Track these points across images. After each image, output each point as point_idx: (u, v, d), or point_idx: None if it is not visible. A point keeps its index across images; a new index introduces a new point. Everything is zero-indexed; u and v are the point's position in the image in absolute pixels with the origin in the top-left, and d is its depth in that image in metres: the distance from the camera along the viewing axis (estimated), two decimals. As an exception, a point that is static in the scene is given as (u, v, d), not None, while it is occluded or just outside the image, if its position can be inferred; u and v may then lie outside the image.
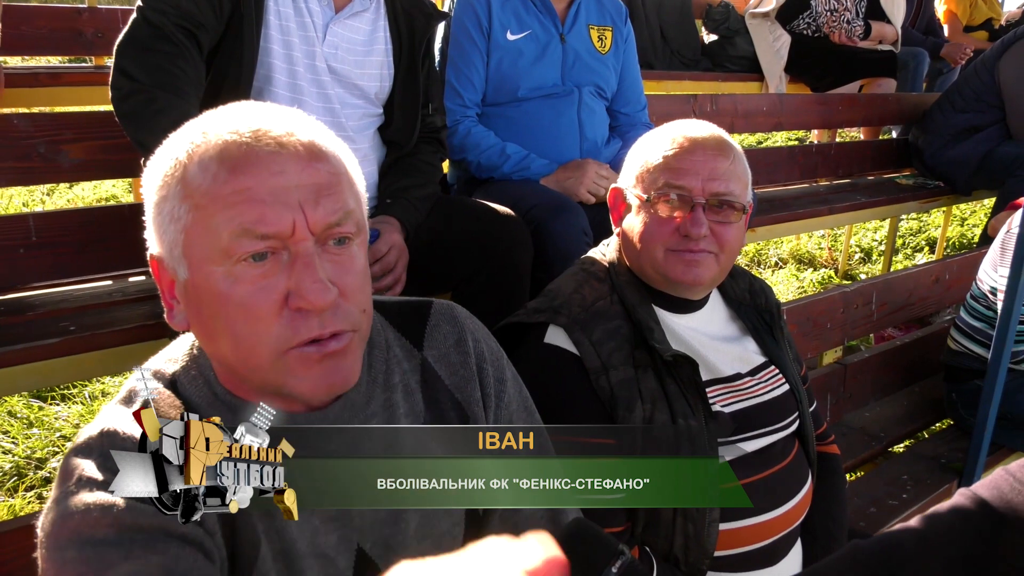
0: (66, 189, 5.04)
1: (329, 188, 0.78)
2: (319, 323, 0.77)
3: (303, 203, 0.75)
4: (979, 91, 3.82)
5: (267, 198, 0.74)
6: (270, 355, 0.77)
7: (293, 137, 0.77)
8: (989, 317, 2.38)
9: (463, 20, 2.10)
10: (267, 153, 0.75)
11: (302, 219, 0.75)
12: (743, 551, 1.27)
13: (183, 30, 1.47)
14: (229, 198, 0.74)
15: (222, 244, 0.74)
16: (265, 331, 0.76)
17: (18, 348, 1.58)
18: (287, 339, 0.76)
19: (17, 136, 1.76)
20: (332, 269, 0.78)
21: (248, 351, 0.77)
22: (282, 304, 0.76)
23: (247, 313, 0.76)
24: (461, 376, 0.98)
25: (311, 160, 0.77)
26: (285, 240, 0.75)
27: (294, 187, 0.75)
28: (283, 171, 0.75)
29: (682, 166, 1.25)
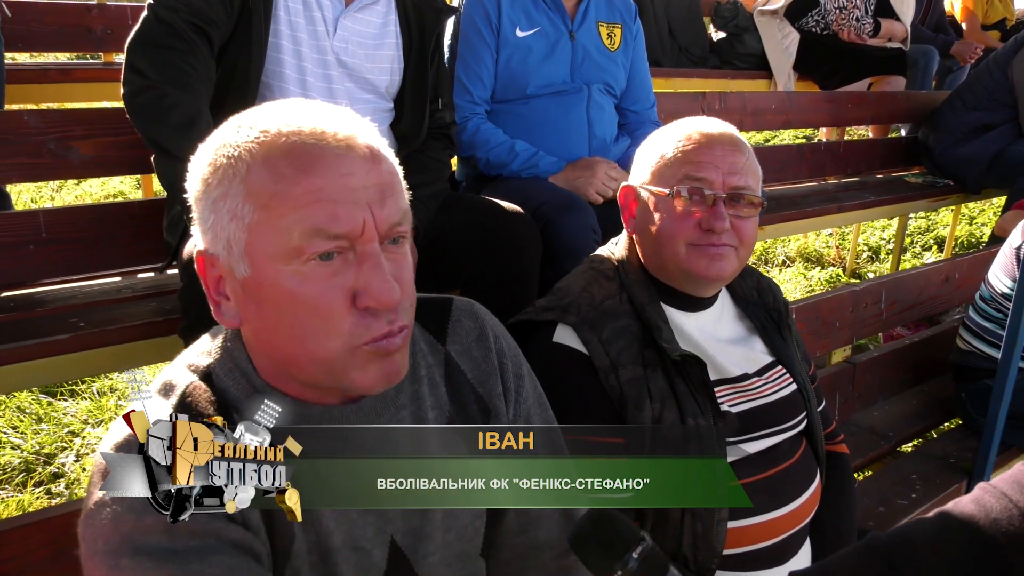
0: (74, 185, 5.05)
1: (391, 188, 0.80)
2: (387, 320, 0.79)
3: (371, 203, 0.77)
4: (991, 89, 3.79)
5: (338, 198, 0.75)
6: (340, 350, 0.79)
7: (356, 139, 0.79)
8: (999, 318, 2.37)
9: (473, 16, 2.10)
10: (336, 155, 0.76)
11: (371, 219, 0.77)
12: (752, 549, 1.27)
13: (194, 27, 1.47)
14: (300, 198, 0.75)
15: (292, 243, 0.75)
16: (336, 328, 0.78)
17: (28, 344, 1.59)
18: (358, 336, 0.78)
19: (27, 132, 1.77)
20: (392, 267, 0.79)
21: (316, 347, 0.79)
22: (351, 302, 0.77)
23: (317, 311, 0.77)
24: (483, 370, 1.00)
25: (375, 161, 0.79)
26: (354, 240, 0.77)
27: (362, 188, 0.77)
28: (352, 172, 0.76)
29: (702, 159, 1.25)
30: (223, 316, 0.84)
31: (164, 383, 0.85)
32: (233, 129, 0.81)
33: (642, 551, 0.79)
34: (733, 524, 1.24)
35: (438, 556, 0.93)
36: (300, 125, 0.78)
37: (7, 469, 2.58)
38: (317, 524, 0.83)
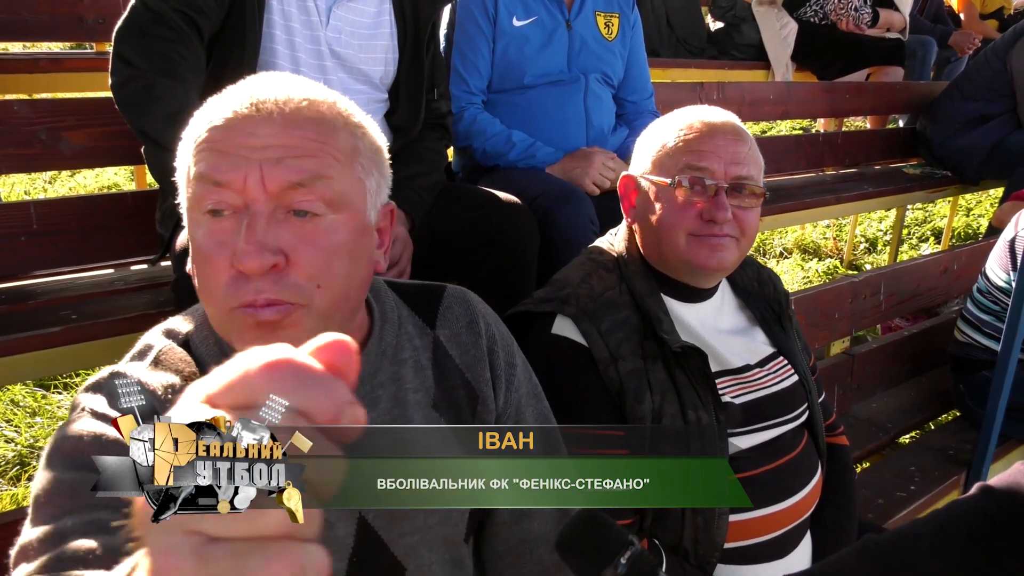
0: (68, 177, 5.02)
1: (301, 151, 0.78)
2: (254, 288, 0.77)
3: (263, 161, 0.76)
4: (990, 79, 3.78)
5: (229, 150, 0.77)
6: (221, 310, 0.80)
7: (282, 104, 0.79)
8: (996, 311, 2.36)
9: (469, 6, 2.08)
10: (243, 115, 0.78)
11: (256, 175, 0.76)
12: (753, 543, 1.26)
13: (183, 15, 1.45)
14: (201, 146, 0.78)
15: (191, 190, 0.79)
16: (217, 286, 0.79)
17: (20, 337, 1.57)
18: (230, 297, 0.78)
19: (18, 123, 1.75)
20: (288, 238, 0.77)
21: (210, 302, 0.81)
22: (231, 262, 0.78)
23: (207, 264, 0.79)
24: (472, 356, 1.01)
25: (288, 126, 0.78)
26: (239, 192, 0.76)
27: (261, 147, 0.77)
28: (253, 133, 0.77)
29: (704, 149, 1.23)
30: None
31: (142, 347, 0.88)
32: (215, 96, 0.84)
33: (631, 556, 0.78)
34: (734, 518, 1.23)
35: (417, 537, 0.93)
36: (246, 92, 0.80)
37: (1, 463, 2.57)
38: None
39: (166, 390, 0.82)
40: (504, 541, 1.04)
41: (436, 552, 0.96)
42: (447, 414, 0.97)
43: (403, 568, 0.93)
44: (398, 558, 0.92)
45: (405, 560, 0.93)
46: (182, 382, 0.83)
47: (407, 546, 0.93)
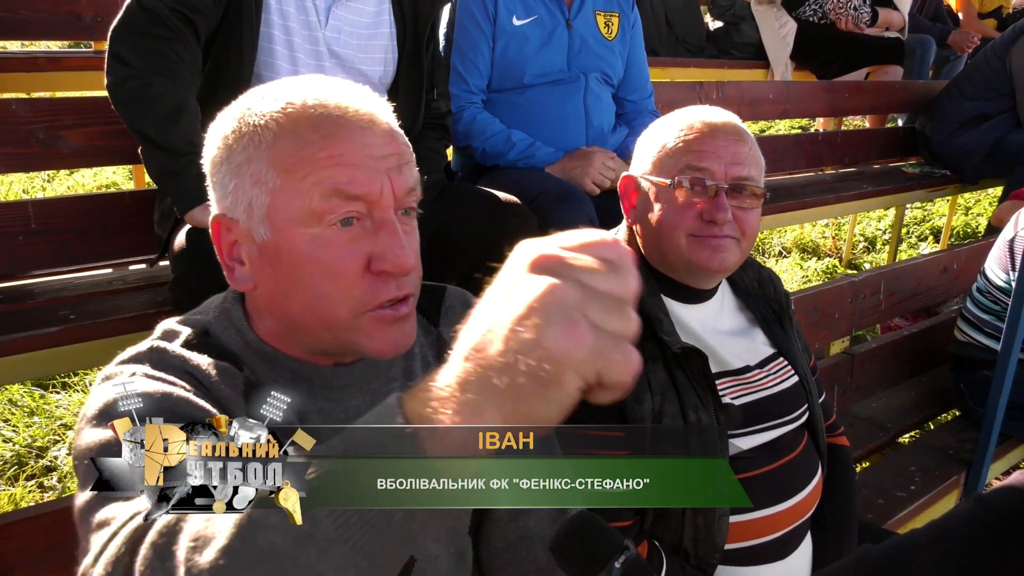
0: (66, 176, 5.01)
1: (407, 159, 0.84)
2: (396, 286, 0.82)
3: (389, 171, 0.81)
4: (989, 78, 3.78)
5: (358, 163, 0.80)
6: (349, 315, 0.82)
7: (377, 115, 0.83)
8: (996, 310, 2.36)
9: (469, 4, 2.07)
10: (359, 127, 0.81)
11: (388, 184, 0.81)
12: (753, 544, 1.26)
13: (179, 15, 1.44)
14: (323, 162, 0.79)
15: (313, 206, 0.79)
16: (348, 292, 0.81)
17: (19, 337, 1.57)
18: (367, 301, 0.81)
19: (16, 122, 1.74)
20: (404, 237, 0.83)
21: (328, 310, 0.82)
22: (365, 267, 0.81)
23: (333, 275, 0.81)
24: None
25: (393, 135, 0.84)
26: (371, 204, 0.80)
27: (382, 156, 0.81)
28: (372, 143, 0.81)
29: (704, 149, 1.23)
30: (236, 280, 0.87)
31: (164, 331, 0.88)
32: (258, 98, 0.84)
33: (625, 561, 0.77)
34: (735, 519, 1.22)
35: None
36: (326, 98, 0.82)
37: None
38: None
39: (208, 365, 0.83)
40: (501, 538, 1.04)
41: (442, 543, 0.96)
42: None
43: (413, 558, 0.93)
44: None
45: (416, 551, 0.93)
46: (221, 360, 0.85)
47: None
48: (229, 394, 0.82)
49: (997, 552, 0.78)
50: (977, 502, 0.82)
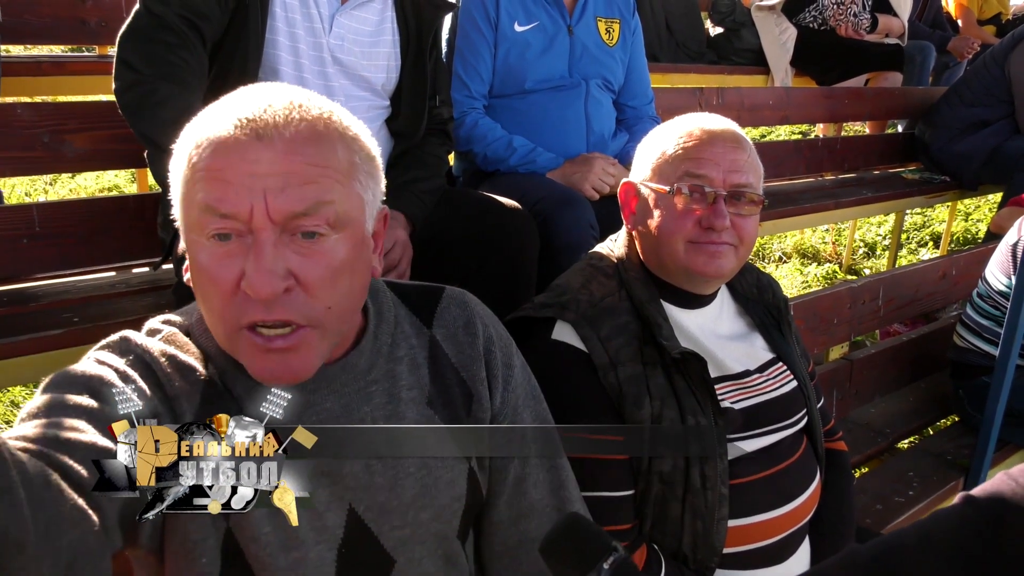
0: (68, 179, 5.02)
1: (303, 178, 0.79)
2: (264, 308, 0.79)
3: (267, 190, 0.78)
4: (988, 85, 3.79)
5: (233, 180, 0.78)
6: (227, 330, 0.82)
7: (281, 128, 0.80)
8: (996, 315, 2.37)
9: (471, 11, 2.08)
10: (245, 141, 0.78)
11: (261, 205, 0.77)
12: (752, 548, 1.27)
13: (186, 21, 1.46)
14: (203, 174, 0.79)
15: (194, 217, 0.80)
16: (222, 307, 0.81)
17: (22, 339, 1.58)
18: (236, 319, 0.80)
19: (21, 126, 1.75)
20: (297, 260, 0.80)
21: (215, 321, 0.84)
22: (237, 284, 0.79)
23: (211, 286, 0.81)
24: (467, 355, 1.03)
25: (289, 152, 0.79)
26: (246, 223, 0.78)
27: (263, 175, 0.78)
28: (256, 160, 0.78)
29: (702, 156, 1.24)
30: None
31: (148, 328, 0.91)
32: (211, 107, 0.85)
33: (614, 562, 0.78)
34: (733, 523, 1.23)
35: (408, 531, 0.95)
36: (246, 110, 0.80)
37: None
38: None
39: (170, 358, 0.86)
40: (502, 542, 1.05)
41: (428, 547, 0.97)
42: (441, 411, 0.99)
43: (392, 560, 0.94)
44: (387, 550, 0.94)
45: (395, 553, 0.94)
46: (188, 357, 0.87)
47: (397, 539, 0.95)
48: (183, 388, 0.85)
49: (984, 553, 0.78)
50: (965, 502, 0.82)
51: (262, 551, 0.86)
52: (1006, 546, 0.77)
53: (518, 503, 1.04)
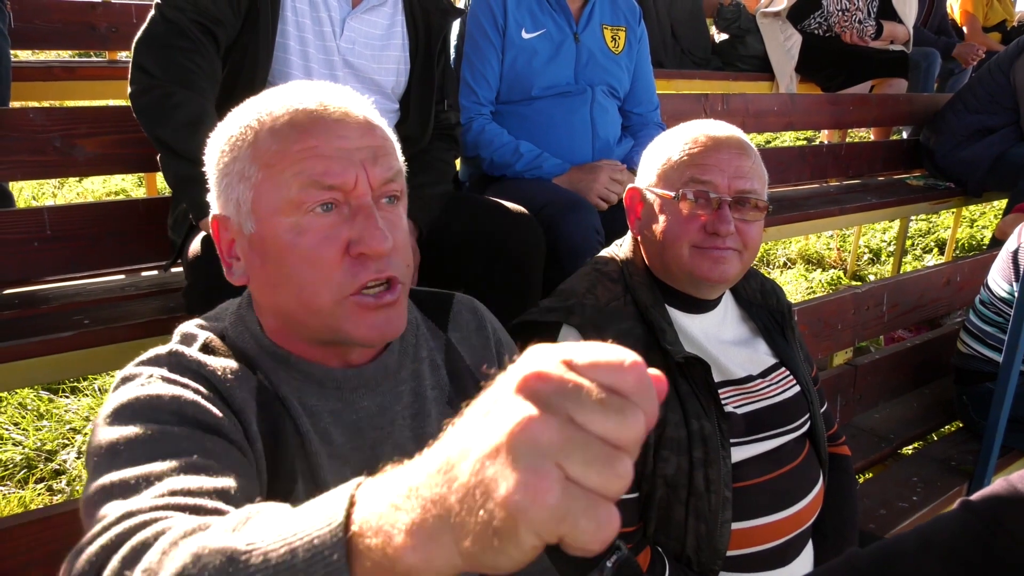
0: (76, 183, 5.05)
1: (384, 150, 0.88)
2: (376, 268, 0.85)
3: (364, 161, 0.84)
4: (993, 92, 3.80)
5: (333, 155, 0.83)
6: (331, 300, 0.85)
7: (352, 110, 0.87)
8: (999, 322, 2.37)
9: (479, 18, 2.10)
10: (333, 120, 0.85)
11: (363, 174, 0.84)
12: (755, 551, 1.27)
13: (200, 26, 1.48)
14: (299, 154, 0.83)
15: (291, 195, 0.83)
16: (329, 277, 0.84)
17: (33, 341, 1.60)
18: (348, 285, 0.84)
19: (32, 130, 1.77)
20: (385, 224, 0.86)
21: (311, 296, 0.85)
22: (343, 252, 0.84)
23: (313, 260, 0.84)
24: (481, 357, 1.06)
25: (369, 128, 0.87)
26: (348, 193, 0.84)
27: (356, 148, 0.84)
28: (347, 135, 0.84)
29: (707, 163, 1.25)
30: (233, 276, 0.91)
31: (183, 334, 0.92)
32: (247, 105, 0.89)
33: (617, 560, 0.79)
34: (737, 526, 1.24)
35: None
36: (302, 97, 0.87)
37: (9, 466, 2.59)
38: (316, 474, 0.88)
39: (224, 370, 0.85)
40: None
41: None
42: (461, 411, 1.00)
43: None
44: None
45: None
46: (236, 364, 0.87)
47: None
48: (244, 398, 0.84)
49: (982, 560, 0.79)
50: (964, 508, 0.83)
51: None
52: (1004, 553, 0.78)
53: None
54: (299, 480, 0.87)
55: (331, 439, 0.90)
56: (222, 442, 0.76)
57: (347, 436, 0.91)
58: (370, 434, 0.93)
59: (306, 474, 0.88)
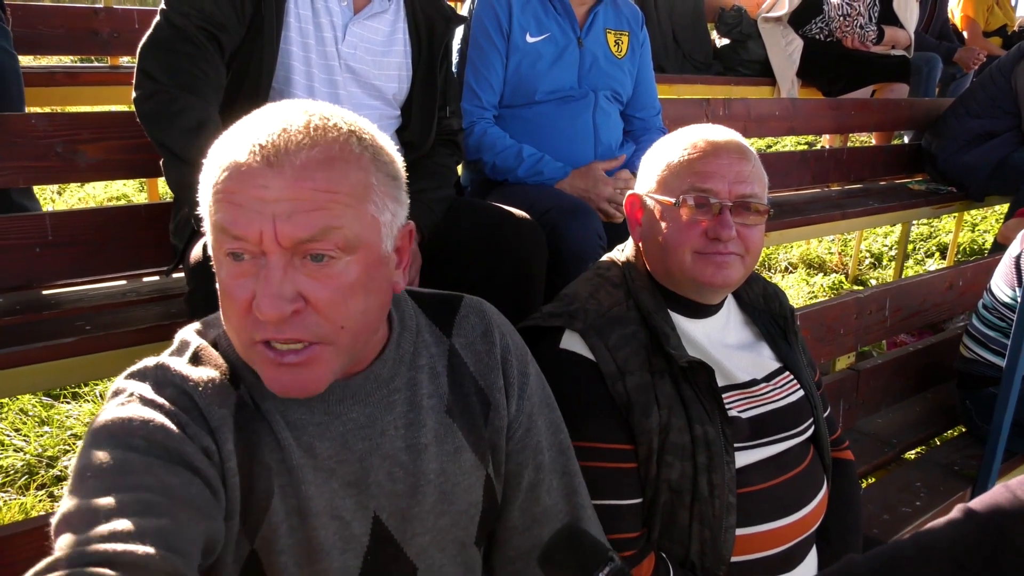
0: (77, 188, 5.06)
1: (311, 205, 0.80)
2: (274, 328, 0.82)
3: (276, 216, 0.79)
4: (995, 96, 3.80)
5: (244, 204, 0.79)
6: (243, 343, 0.85)
7: (292, 154, 0.80)
8: (1002, 327, 2.37)
9: (483, 21, 2.10)
10: (257, 167, 0.79)
11: (271, 230, 0.79)
12: (759, 556, 1.27)
13: (205, 32, 1.48)
14: (218, 195, 0.81)
15: (213, 235, 0.83)
16: (239, 322, 0.84)
17: (35, 347, 1.60)
18: (250, 334, 0.83)
19: (35, 135, 1.77)
20: (306, 282, 0.81)
21: (235, 335, 0.86)
22: (250, 303, 0.82)
23: (229, 302, 0.84)
24: (485, 364, 1.04)
25: (298, 179, 0.80)
26: (256, 245, 0.80)
27: (273, 201, 0.79)
28: (267, 186, 0.79)
29: (707, 169, 1.25)
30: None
31: (180, 341, 0.94)
32: (238, 124, 0.86)
33: (610, 571, 0.79)
34: (741, 531, 1.23)
35: (429, 538, 0.97)
36: (267, 130, 0.81)
37: (10, 472, 2.59)
38: (297, 489, 0.88)
39: (206, 384, 0.87)
40: (515, 547, 1.06)
41: (447, 554, 0.99)
42: (460, 419, 1.00)
43: (415, 567, 0.96)
44: (410, 558, 0.96)
45: (417, 560, 0.96)
46: (220, 377, 0.88)
47: (419, 546, 0.96)
48: (222, 415, 0.86)
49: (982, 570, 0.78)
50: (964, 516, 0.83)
51: (289, 562, 0.88)
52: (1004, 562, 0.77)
53: (532, 509, 1.06)
54: (276, 495, 0.87)
55: (315, 452, 0.90)
56: (185, 473, 0.78)
57: (333, 448, 0.90)
58: (358, 445, 0.92)
59: (286, 489, 0.88)
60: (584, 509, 1.09)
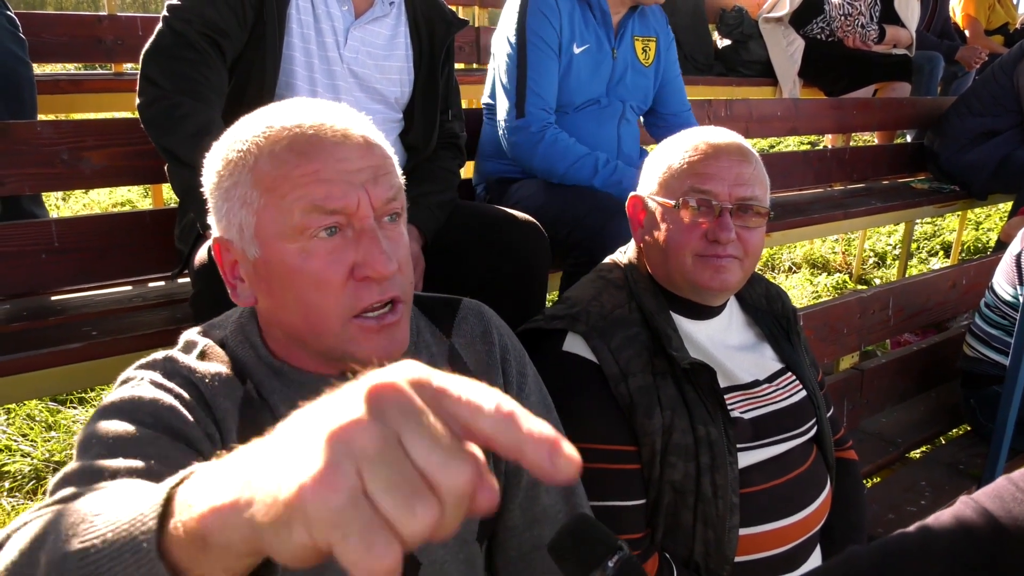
0: (82, 194, 5.08)
1: (384, 169, 0.87)
2: (379, 290, 0.86)
3: (365, 183, 0.84)
4: (997, 95, 3.80)
5: (335, 178, 0.83)
6: (337, 322, 0.86)
7: (351, 130, 0.86)
8: (1004, 325, 2.36)
9: (540, 27, 2.05)
10: (333, 142, 0.84)
11: (365, 196, 0.84)
12: (763, 556, 1.27)
13: (207, 38, 1.49)
14: (300, 179, 0.83)
15: (295, 221, 0.83)
16: (334, 300, 0.85)
17: (41, 353, 1.60)
18: (351, 307, 0.85)
19: (40, 143, 1.78)
20: (388, 244, 0.86)
21: (318, 319, 0.87)
22: (348, 275, 0.85)
23: (319, 284, 0.85)
24: (485, 364, 1.06)
25: (369, 148, 0.86)
26: (351, 216, 0.84)
27: (356, 170, 0.84)
28: (347, 157, 0.84)
29: (707, 171, 1.25)
30: (239, 297, 0.91)
31: (186, 341, 0.94)
32: (242, 127, 0.88)
33: (619, 560, 0.79)
34: (744, 532, 1.24)
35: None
36: (301, 119, 0.85)
37: (17, 477, 2.60)
38: None
39: (213, 377, 0.88)
40: (516, 547, 1.07)
41: (450, 550, 1.00)
42: None
43: (418, 563, 0.97)
44: (414, 552, 0.96)
45: (421, 555, 0.97)
46: (228, 372, 0.90)
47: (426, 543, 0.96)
48: (227, 407, 0.87)
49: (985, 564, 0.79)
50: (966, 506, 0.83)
51: None
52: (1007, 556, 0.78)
53: (531, 508, 1.07)
54: None
55: None
56: (189, 451, 0.79)
57: None
58: None
59: None
60: (583, 508, 1.10)
